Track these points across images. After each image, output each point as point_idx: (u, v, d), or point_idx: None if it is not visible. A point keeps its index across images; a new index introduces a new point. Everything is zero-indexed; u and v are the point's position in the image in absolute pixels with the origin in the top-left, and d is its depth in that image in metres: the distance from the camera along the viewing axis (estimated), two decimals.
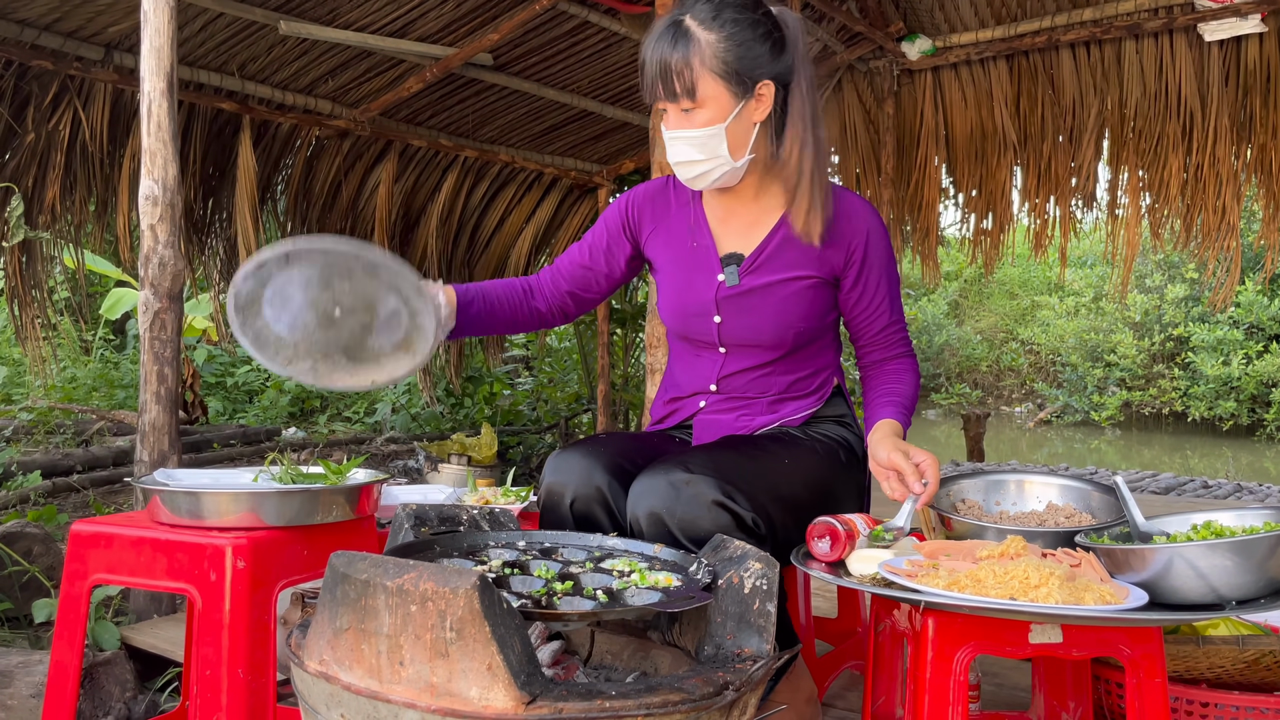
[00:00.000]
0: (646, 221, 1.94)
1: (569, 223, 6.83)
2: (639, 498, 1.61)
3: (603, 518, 1.68)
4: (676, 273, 1.90)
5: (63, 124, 4.23)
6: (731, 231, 1.87)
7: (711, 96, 1.68)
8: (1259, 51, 4.74)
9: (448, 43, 4.82)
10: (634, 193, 1.98)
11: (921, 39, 5.45)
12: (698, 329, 1.89)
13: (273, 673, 1.67)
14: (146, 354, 2.66)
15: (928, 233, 5.86)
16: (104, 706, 2.43)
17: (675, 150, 1.73)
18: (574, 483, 1.69)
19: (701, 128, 1.69)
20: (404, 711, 1.04)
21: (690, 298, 1.87)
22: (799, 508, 1.71)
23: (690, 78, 1.66)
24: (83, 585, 1.75)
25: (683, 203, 1.92)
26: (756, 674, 1.17)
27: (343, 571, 1.11)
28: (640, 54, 1.74)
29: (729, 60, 1.67)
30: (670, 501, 1.57)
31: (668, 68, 1.67)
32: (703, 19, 1.68)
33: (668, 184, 1.95)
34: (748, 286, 1.83)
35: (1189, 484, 6.83)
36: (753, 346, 1.86)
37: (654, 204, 1.94)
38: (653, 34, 1.72)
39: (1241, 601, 1.34)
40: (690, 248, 1.89)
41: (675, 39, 1.67)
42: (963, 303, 18.13)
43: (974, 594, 1.30)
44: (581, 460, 1.71)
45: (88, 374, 7.96)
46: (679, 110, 1.70)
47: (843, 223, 1.82)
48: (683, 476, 1.58)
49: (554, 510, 1.71)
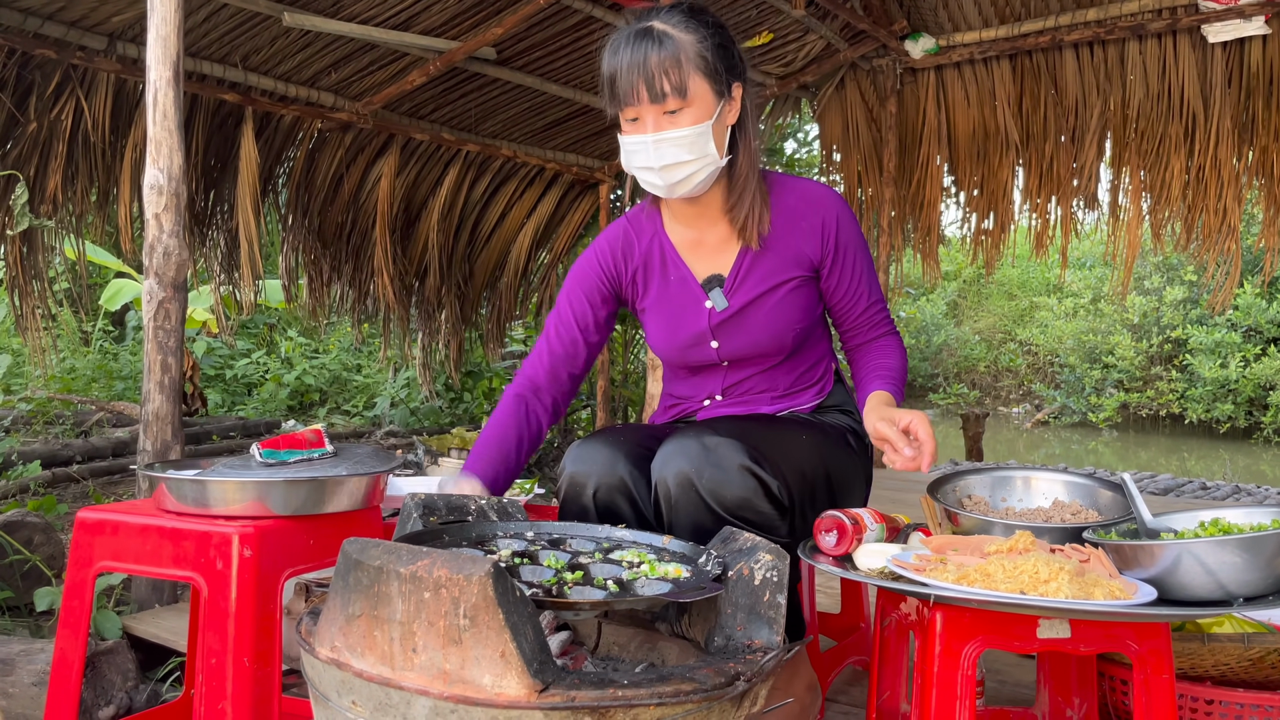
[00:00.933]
0: (622, 270, 1.90)
1: (570, 218, 6.82)
2: (667, 459, 1.61)
3: (625, 508, 1.68)
4: (663, 310, 1.88)
5: (65, 113, 4.22)
6: (702, 256, 1.85)
7: (699, 95, 1.66)
8: (1262, 53, 4.74)
9: (451, 36, 4.81)
10: (598, 249, 1.92)
11: (925, 38, 5.45)
12: (696, 356, 1.89)
13: (278, 662, 1.66)
14: (150, 343, 2.66)
15: (929, 232, 5.87)
16: (106, 695, 2.43)
17: (662, 153, 1.67)
18: (597, 472, 1.69)
19: (689, 126, 1.66)
20: (416, 699, 1.04)
21: (683, 331, 1.87)
22: (815, 486, 1.74)
23: (679, 76, 1.63)
24: (88, 572, 1.75)
25: (646, 240, 1.89)
26: (768, 665, 1.17)
27: (356, 558, 1.10)
28: (604, 63, 1.69)
29: (711, 59, 1.66)
30: (700, 463, 1.58)
31: (653, 67, 1.63)
32: (675, 23, 1.66)
33: (626, 227, 1.91)
34: (737, 305, 1.83)
35: (1187, 485, 6.84)
36: (754, 357, 1.87)
37: (622, 251, 1.90)
38: (618, 42, 1.67)
39: (1249, 598, 1.34)
40: (668, 282, 1.87)
41: (654, 41, 1.64)
42: (961, 303, 18.13)
43: (984, 588, 1.30)
44: (604, 450, 1.71)
45: (87, 365, 7.96)
46: (660, 113, 1.66)
47: (809, 212, 1.81)
48: (713, 439, 1.59)
49: (576, 500, 1.71)
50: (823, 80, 5.90)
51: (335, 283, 5.83)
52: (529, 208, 6.53)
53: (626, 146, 1.71)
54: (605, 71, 1.68)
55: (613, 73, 1.67)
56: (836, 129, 6.00)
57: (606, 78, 1.68)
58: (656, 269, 1.88)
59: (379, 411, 8.48)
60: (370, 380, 9.58)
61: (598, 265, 1.90)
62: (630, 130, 1.70)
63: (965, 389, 16.67)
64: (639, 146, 1.68)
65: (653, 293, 1.89)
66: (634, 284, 1.90)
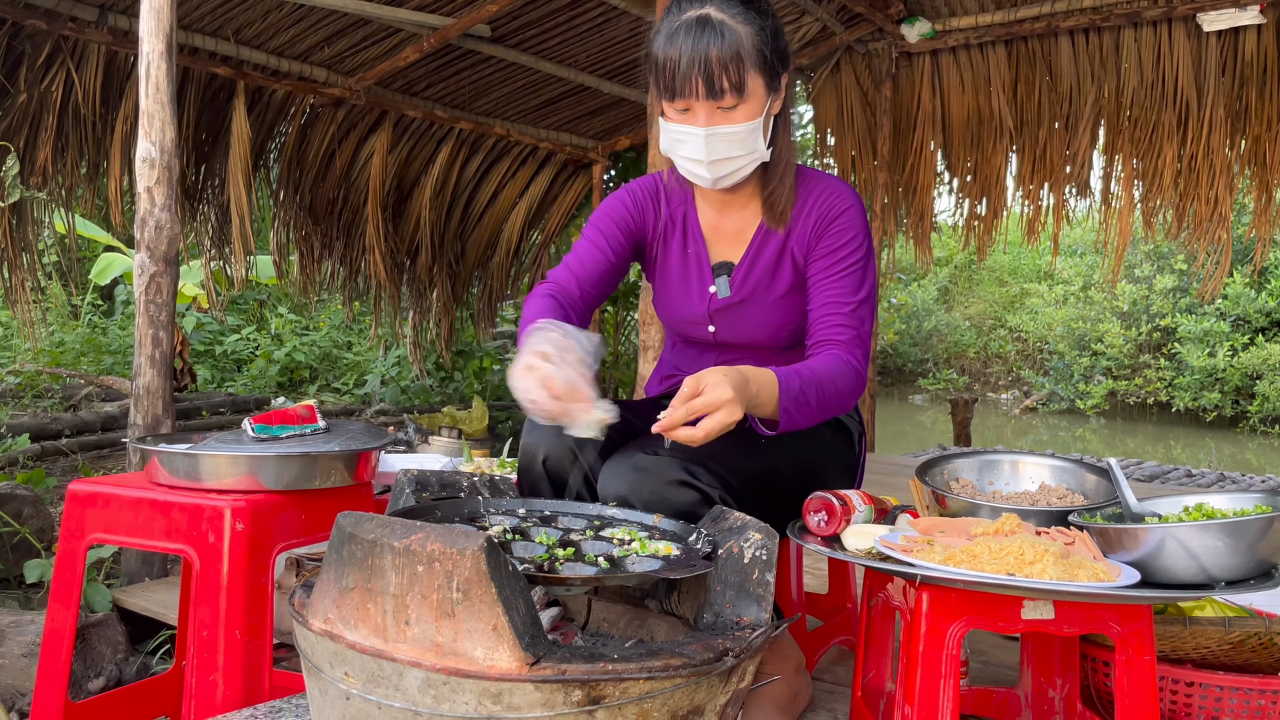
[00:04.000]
0: (650, 219, 1.89)
1: (563, 198, 6.81)
2: (606, 483, 1.62)
3: (575, 476, 1.68)
4: (672, 279, 1.88)
5: (55, 85, 4.19)
6: (721, 238, 1.85)
7: (754, 91, 1.62)
8: (1257, 43, 4.75)
9: (445, 12, 4.79)
10: (632, 190, 1.90)
11: (921, 22, 5.44)
12: (693, 333, 1.91)
13: (269, 635, 1.68)
14: (141, 317, 2.66)
15: (922, 217, 5.87)
16: (95, 667, 2.44)
17: (714, 148, 1.63)
18: (545, 442, 1.68)
19: (743, 123, 1.63)
20: (408, 670, 1.05)
21: (684, 308, 1.88)
22: (780, 485, 1.73)
23: (738, 73, 1.58)
24: (79, 544, 1.75)
25: (676, 204, 1.88)
26: (756, 641, 1.18)
27: (350, 531, 1.11)
28: (658, 51, 1.63)
29: (766, 54, 1.62)
30: (636, 484, 1.57)
31: (714, 63, 1.57)
32: (732, 13, 1.61)
33: (658, 183, 1.89)
34: (738, 298, 1.83)
35: (1173, 473, 6.89)
36: (748, 347, 1.88)
37: (654, 202, 1.88)
38: (674, 29, 1.61)
39: (1231, 582, 1.36)
40: (684, 253, 1.87)
41: (714, 33, 1.57)
42: (952, 289, 18.17)
43: (970, 569, 1.31)
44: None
45: (76, 339, 7.93)
46: (714, 108, 1.61)
47: (819, 206, 1.78)
48: (646, 460, 1.58)
49: (529, 470, 1.71)
50: (818, 63, 5.89)
51: (326, 259, 5.82)
52: (522, 187, 6.52)
53: (672, 134, 1.67)
54: (659, 59, 1.62)
55: (670, 62, 1.60)
56: (831, 112, 5.99)
57: (660, 66, 1.62)
58: (678, 237, 1.87)
59: (369, 389, 8.47)
60: (361, 358, 9.57)
61: (630, 201, 1.88)
62: (679, 120, 1.65)
63: (955, 374, 16.74)
64: (688, 138, 1.65)
65: (671, 260, 1.88)
66: (655, 241, 1.89)
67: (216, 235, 5.15)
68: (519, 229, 6.66)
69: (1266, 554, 1.36)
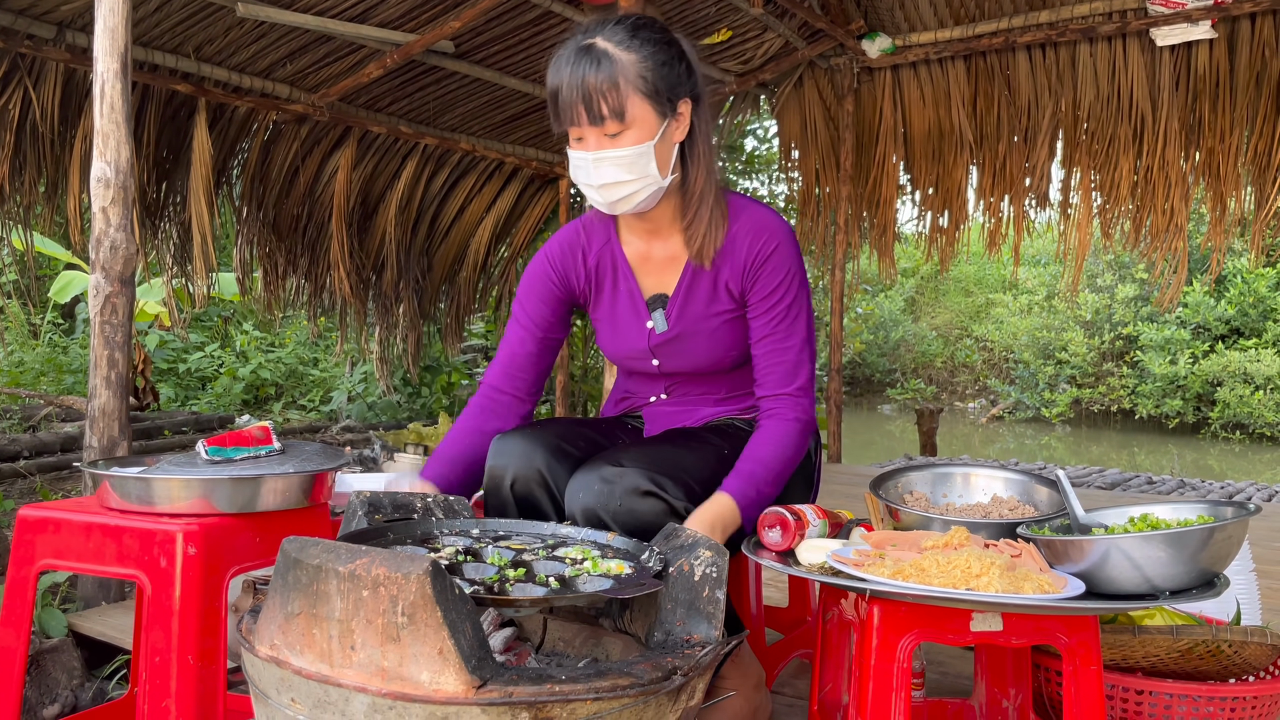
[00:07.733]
0: (574, 276, 1.89)
1: (530, 212, 6.81)
2: (574, 495, 1.64)
3: (543, 499, 1.70)
4: (610, 319, 1.90)
5: (13, 103, 4.15)
6: (652, 269, 1.86)
7: (639, 117, 1.64)
8: (1209, 57, 4.85)
9: (409, 29, 4.78)
10: (549, 254, 1.91)
11: (881, 37, 5.51)
12: (638, 367, 1.94)
13: (223, 660, 1.66)
14: (97, 338, 2.63)
15: (885, 229, 5.93)
16: (50, 694, 2.41)
17: (601, 172, 1.66)
18: (514, 465, 1.70)
19: (630, 147, 1.64)
20: (355, 695, 1.05)
21: (626, 344, 1.90)
22: None
23: (617, 99, 1.61)
24: (29, 570, 1.73)
25: (598, 247, 1.88)
26: (704, 659, 1.19)
27: (295, 557, 1.11)
28: (549, 81, 1.67)
29: (652, 80, 1.64)
30: (604, 498, 1.60)
31: (591, 90, 1.60)
32: (618, 41, 1.64)
33: (578, 231, 1.90)
34: (676, 331, 1.84)
35: (1134, 479, 6.98)
36: (694, 374, 1.91)
37: (573, 257, 1.89)
38: (562, 58, 1.65)
39: (1175, 592, 1.38)
40: (616, 291, 1.88)
41: (594, 61, 1.61)
42: (919, 299, 18.34)
43: (918, 583, 1.33)
44: (522, 443, 1.73)
45: (35, 358, 7.82)
46: (601, 134, 1.64)
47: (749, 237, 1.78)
48: (613, 471, 1.61)
49: (495, 493, 1.72)
50: (781, 78, 5.94)
51: (291, 276, 5.78)
52: (488, 202, 6.51)
53: (573, 161, 1.71)
54: (549, 87, 1.67)
55: (554, 90, 1.65)
56: (795, 127, 6.05)
57: (550, 94, 1.67)
58: (608, 278, 1.88)
59: (335, 406, 8.42)
60: (327, 374, 9.50)
61: (550, 269, 1.90)
62: (575, 147, 1.69)
63: (922, 384, 16.87)
64: (582, 163, 1.68)
65: (603, 302, 1.90)
66: (586, 290, 1.91)
67: (178, 253, 5.11)
68: (486, 243, 6.65)
69: (1208, 563, 1.39)
